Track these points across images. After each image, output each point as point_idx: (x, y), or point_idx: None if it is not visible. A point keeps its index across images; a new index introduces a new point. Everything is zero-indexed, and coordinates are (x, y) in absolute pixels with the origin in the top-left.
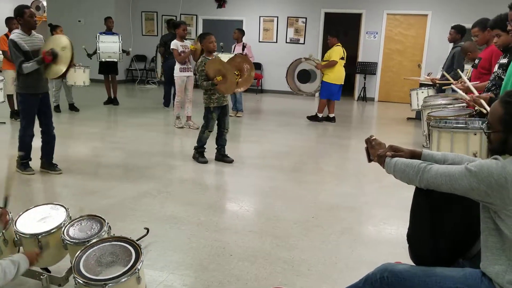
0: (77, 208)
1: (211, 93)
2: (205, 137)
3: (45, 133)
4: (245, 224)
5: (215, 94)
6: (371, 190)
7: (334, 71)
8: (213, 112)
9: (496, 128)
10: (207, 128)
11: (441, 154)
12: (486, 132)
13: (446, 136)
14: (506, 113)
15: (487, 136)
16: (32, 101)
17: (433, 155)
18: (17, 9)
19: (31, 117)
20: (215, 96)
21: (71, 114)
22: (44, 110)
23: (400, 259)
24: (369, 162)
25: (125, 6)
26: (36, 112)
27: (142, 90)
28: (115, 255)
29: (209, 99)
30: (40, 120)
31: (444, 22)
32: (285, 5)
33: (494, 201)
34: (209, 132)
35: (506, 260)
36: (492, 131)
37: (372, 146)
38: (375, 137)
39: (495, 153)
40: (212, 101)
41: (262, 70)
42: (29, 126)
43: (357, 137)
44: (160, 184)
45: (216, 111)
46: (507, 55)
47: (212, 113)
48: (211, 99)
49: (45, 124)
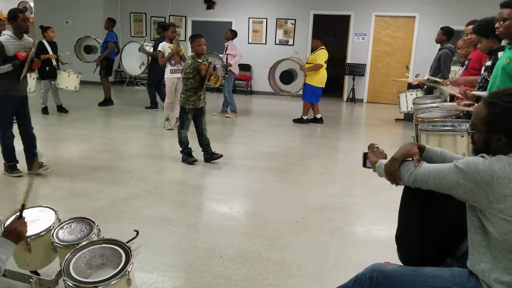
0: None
1: (189, 95)
2: (184, 136)
3: (25, 133)
4: (235, 225)
5: (192, 96)
6: (360, 191)
7: (318, 74)
8: (188, 112)
9: (479, 129)
10: (182, 128)
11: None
12: (470, 133)
13: (434, 139)
14: (489, 114)
15: (470, 136)
16: (11, 103)
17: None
18: (11, 13)
19: (10, 120)
20: (192, 98)
21: (59, 116)
22: (23, 112)
23: (389, 259)
24: (364, 167)
25: (113, 7)
26: (15, 114)
27: (131, 91)
28: (105, 257)
29: (186, 100)
30: (19, 122)
31: (431, 24)
32: (274, 7)
33: (479, 199)
34: (186, 131)
35: (491, 258)
36: (476, 132)
37: (373, 151)
38: (378, 145)
39: (478, 153)
40: (188, 102)
41: (251, 71)
42: (7, 128)
43: (346, 138)
44: (149, 185)
45: (191, 112)
46: (491, 57)
47: (187, 113)
48: (188, 100)
49: (24, 125)
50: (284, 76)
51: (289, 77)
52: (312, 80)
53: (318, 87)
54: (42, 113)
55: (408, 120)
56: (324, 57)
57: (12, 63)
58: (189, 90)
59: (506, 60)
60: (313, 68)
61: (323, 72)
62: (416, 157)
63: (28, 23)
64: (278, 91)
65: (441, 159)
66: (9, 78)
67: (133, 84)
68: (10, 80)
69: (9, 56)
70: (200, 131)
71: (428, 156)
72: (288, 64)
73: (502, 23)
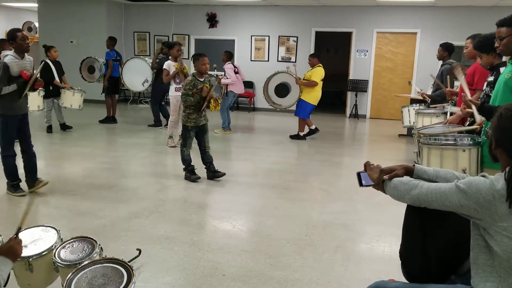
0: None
1: (190, 112)
2: (186, 154)
3: (26, 152)
4: (238, 244)
5: (193, 114)
6: (363, 207)
7: (313, 91)
8: (190, 130)
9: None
10: (185, 146)
11: (433, 170)
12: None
13: (436, 152)
14: (498, 125)
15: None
16: (12, 122)
17: (425, 170)
18: (10, 33)
19: (11, 138)
20: (193, 116)
21: (63, 135)
22: (24, 130)
23: (393, 276)
24: (360, 187)
25: (117, 26)
26: (16, 132)
27: (135, 109)
28: (107, 277)
29: (187, 118)
30: (20, 140)
31: (433, 40)
32: (276, 25)
33: (483, 217)
34: (188, 150)
35: (497, 277)
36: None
37: (371, 169)
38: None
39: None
40: (190, 120)
41: (254, 88)
42: (9, 147)
43: (349, 154)
44: (152, 204)
45: (194, 130)
46: (493, 73)
47: (189, 131)
48: (189, 118)
49: (24, 143)
50: (279, 89)
51: (283, 90)
52: (306, 96)
53: (311, 104)
54: (46, 131)
55: (411, 136)
56: (321, 75)
57: (17, 82)
58: (189, 107)
59: (508, 74)
60: (308, 84)
61: (318, 90)
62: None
63: (27, 41)
64: (270, 103)
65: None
66: (10, 96)
67: (137, 102)
68: (10, 98)
69: (13, 76)
70: (203, 148)
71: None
72: (284, 78)
73: (500, 42)
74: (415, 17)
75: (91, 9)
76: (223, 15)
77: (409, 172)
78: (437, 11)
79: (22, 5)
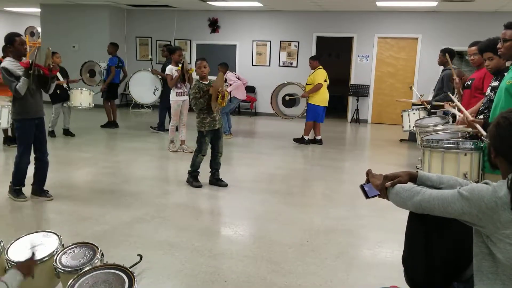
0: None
1: (203, 117)
2: (199, 161)
3: (40, 160)
4: (240, 249)
5: (207, 118)
6: (366, 213)
7: (319, 93)
8: (205, 136)
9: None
10: (200, 152)
11: (437, 176)
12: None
13: (437, 155)
14: (496, 134)
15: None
16: (29, 126)
17: (429, 176)
18: (8, 37)
19: (29, 143)
20: (207, 120)
21: (65, 139)
22: (39, 137)
23: (396, 283)
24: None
25: (119, 31)
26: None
27: (136, 114)
28: (108, 283)
29: (201, 123)
30: (35, 147)
31: (434, 45)
32: (277, 30)
33: (485, 224)
34: (202, 156)
35: (501, 284)
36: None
37: (373, 176)
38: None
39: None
40: (204, 125)
41: (255, 93)
42: (26, 152)
43: (351, 159)
44: (153, 209)
45: (209, 135)
46: (498, 78)
47: (205, 137)
48: (203, 123)
49: (39, 151)
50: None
51: (291, 100)
52: (313, 99)
53: (320, 106)
54: (49, 136)
55: (413, 141)
56: (323, 76)
57: (25, 75)
58: (202, 111)
59: (509, 81)
60: (313, 89)
61: (324, 90)
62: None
63: (25, 46)
64: (281, 115)
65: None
66: (22, 100)
67: (139, 107)
68: (28, 102)
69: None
70: (215, 153)
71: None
72: (290, 89)
73: (503, 44)
74: (416, 22)
75: (93, 14)
76: (225, 20)
77: (413, 178)
78: (438, 16)
79: (24, 10)
